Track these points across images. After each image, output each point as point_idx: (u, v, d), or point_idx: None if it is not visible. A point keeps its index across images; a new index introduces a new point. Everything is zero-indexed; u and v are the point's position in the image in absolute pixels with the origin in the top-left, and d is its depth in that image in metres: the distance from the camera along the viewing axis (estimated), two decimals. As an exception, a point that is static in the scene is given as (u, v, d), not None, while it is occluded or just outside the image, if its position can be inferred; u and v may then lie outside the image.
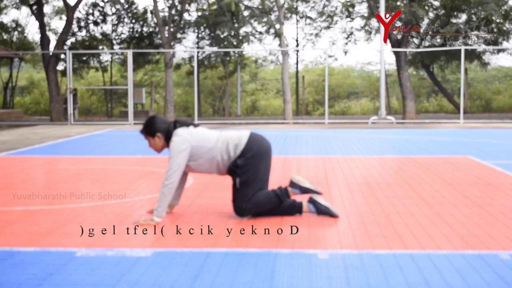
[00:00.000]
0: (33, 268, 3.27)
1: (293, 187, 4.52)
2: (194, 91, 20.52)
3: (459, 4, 22.36)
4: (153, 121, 4.55)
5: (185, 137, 4.40)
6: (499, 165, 7.41)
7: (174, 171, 4.33)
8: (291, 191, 4.51)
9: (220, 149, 4.41)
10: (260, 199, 4.40)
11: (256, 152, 4.40)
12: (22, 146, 10.66)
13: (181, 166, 4.36)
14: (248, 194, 4.39)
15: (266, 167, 4.49)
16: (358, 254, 3.53)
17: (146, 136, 4.59)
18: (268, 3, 23.18)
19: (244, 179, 4.37)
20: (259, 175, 4.41)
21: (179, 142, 4.37)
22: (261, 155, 4.43)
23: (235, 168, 4.38)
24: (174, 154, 4.35)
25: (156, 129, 4.51)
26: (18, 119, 22.95)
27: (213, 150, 4.41)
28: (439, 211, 4.75)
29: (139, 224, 4.26)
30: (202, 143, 4.42)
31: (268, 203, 4.43)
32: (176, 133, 4.44)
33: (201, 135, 4.47)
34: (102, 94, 27.82)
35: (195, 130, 4.51)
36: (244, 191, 4.39)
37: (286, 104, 19.53)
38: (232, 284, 3.00)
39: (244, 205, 4.40)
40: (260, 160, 4.42)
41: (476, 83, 27.68)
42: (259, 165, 4.41)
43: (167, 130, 4.50)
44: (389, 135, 12.80)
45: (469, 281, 3.04)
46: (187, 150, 4.37)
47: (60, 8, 28.52)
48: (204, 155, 4.42)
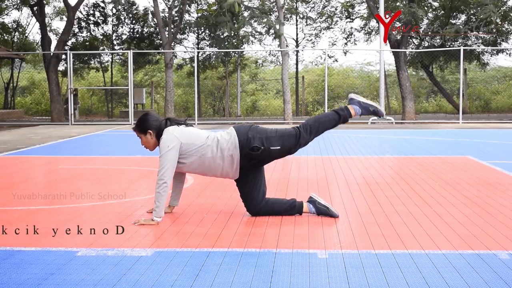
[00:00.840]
0: (34, 267, 3.28)
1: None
2: (194, 91, 20.53)
3: (458, 4, 22.38)
4: (146, 118, 4.55)
5: (175, 134, 4.38)
6: (498, 165, 7.42)
7: (166, 169, 4.31)
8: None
9: (210, 146, 4.39)
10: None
11: (252, 137, 4.41)
12: (23, 146, 10.67)
13: (172, 163, 4.33)
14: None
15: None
16: (358, 254, 3.54)
17: (138, 134, 4.58)
18: (268, 4, 23.20)
19: (273, 148, 4.39)
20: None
21: (169, 139, 4.36)
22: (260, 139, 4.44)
23: (258, 148, 4.35)
24: (164, 152, 4.34)
25: (148, 126, 4.50)
26: (19, 119, 22.97)
27: (203, 147, 4.39)
28: (438, 211, 4.76)
29: (139, 224, 4.27)
30: (192, 141, 4.40)
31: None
32: (166, 131, 4.43)
33: (191, 133, 4.45)
34: (103, 94, 27.83)
35: (185, 128, 4.49)
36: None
37: (286, 104, 19.54)
38: (232, 284, 3.01)
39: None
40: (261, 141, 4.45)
41: (475, 84, 27.69)
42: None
43: (159, 128, 4.49)
44: (389, 135, 12.81)
45: (469, 280, 3.05)
46: (176, 147, 4.35)
47: (61, 9, 28.58)
48: (194, 153, 4.39)
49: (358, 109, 4.61)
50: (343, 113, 4.58)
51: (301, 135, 4.48)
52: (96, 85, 28.35)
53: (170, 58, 20.71)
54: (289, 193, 5.59)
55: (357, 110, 4.60)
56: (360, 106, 4.61)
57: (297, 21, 27.43)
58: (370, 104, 4.62)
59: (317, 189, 5.80)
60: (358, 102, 4.62)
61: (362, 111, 4.62)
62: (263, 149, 4.37)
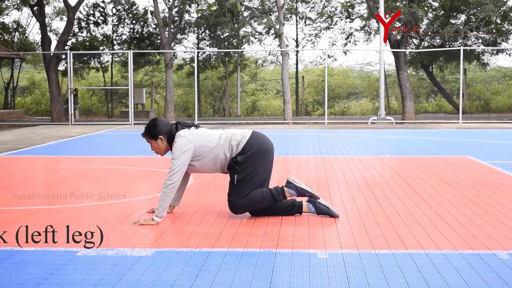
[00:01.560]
0: (34, 267, 3.28)
1: (289, 187, 4.53)
2: (194, 91, 20.53)
3: (458, 4, 22.38)
4: (155, 123, 4.54)
5: (188, 138, 4.41)
6: (498, 165, 7.42)
7: (177, 172, 4.33)
8: (286, 191, 4.52)
9: (223, 146, 4.43)
10: (254, 197, 4.41)
11: (256, 150, 4.41)
12: (23, 146, 10.67)
13: (184, 166, 4.36)
14: (244, 191, 4.40)
15: (266, 167, 4.50)
16: (358, 254, 3.54)
17: (148, 139, 4.56)
18: (268, 4, 23.20)
19: (242, 177, 4.39)
20: (258, 174, 4.42)
21: (183, 143, 4.38)
22: (261, 155, 4.44)
23: (234, 165, 4.40)
24: (177, 155, 4.36)
25: (158, 131, 4.50)
26: (19, 119, 22.97)
27: (216, 148, 4.43)
28: (438, 211, 4.76)
29: (139, 224, 4.27)
30: (206, 142, 4.43)
31: (262, 201, 4.44)
32: (179, 135, 4.45)
33: (204, 135, 4.48)
34: (103, 94, 27.83)
35: (196, 130, 4.52)
36: (241, 188, 4.40)
37: (286, 104, 19.54)
38: (232, 284, 3.01)
39: (239, 202, 4.41)
40: (260, 159, 4.43)
41: (475, 84, 27.68)
42: (259, 164, 4.42)
43: (170, 132, 4.50)
44: (389, 135, 12.81)
45: (469, 280, 3.05)
46: (190, 151, 4.38)
47: (61, 9, 28.57)
48: (207, 154, 4.43)
49: (293, 193, 4.56)
50: (279, 198, 4.50)
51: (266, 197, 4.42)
52: (96, 85, 28.35)
53: (170, 58, 20.72)
54: (289, 193, 5.59)
55: (292, 193, 4.55)
56: (296, 190, 4.56)
57: (297, 21, 27.43)
58: (305, 190, 4.56)
59: (317, 189, 5.80)
60: (295, 187, 4.56)
61: (297, 195, 4.56)
62: (236, 168, 4.39)
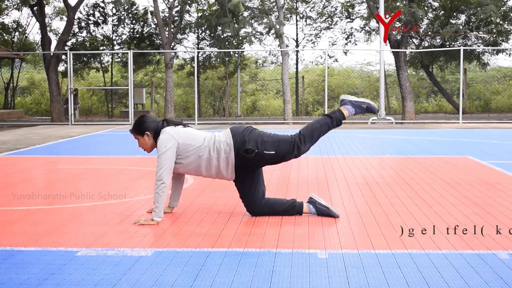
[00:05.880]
0: (34, 267, 3.28)
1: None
2: (194, 91, 20.53)
3: (458, 5, 22.38)
4: (143, 120, 4.56)
5: (172, 134, 4.40)
6: (498, 165, 7.42)
7: (164, 169, 4.31)
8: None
9: (207, 147, 4.39)
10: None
11: (250, 138, 4.40)
12: (23, 146, 10.67)
13: (170, 162, 4.34)
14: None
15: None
16: (358, 254, 3.54)
17: (135, 135, 4.59)
18: (268, 4, 23.21)
19: (262, 148, 4.36)
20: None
21: (166, 139, 4.37)
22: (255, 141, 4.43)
23: (251, 150, 4.33)
24: (161, 151, 4.35)
25: (145, 128, 4.51)
26: (19, 119, 22.98)
27: (200, 148, 4.39)
28: (438, 211, 4.76)
29: (139, 224, 4.27)
30: (190, 141, 4.40)
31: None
32: (163, 131, 4.45)
33: (189, 134, 4.46)
34: (103, 94, 27.84)
35: (183, 129, 4.50)
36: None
37: (286, 104, 19.54)
38: (232, 284, 3.01)
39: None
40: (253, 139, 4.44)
41: (475, 84, 27.70)
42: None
43: (156, 129, 4.51)
44: (389, 135, 12.81)
45: (469, 281, 3.05)
46: (174, 147, 4.36)
47: (61, 9, 28.56)
48: (191, 154, 4.39)
49: (351, 109, 4.59)
50: (335, 115, 4.55)
51: (295, 144, 4.43)
52: (96, 85, 28.36)
53: (170, 58, 20.72)
54: (289, 193, 5.60)
55: (350, 110, 4.58)
56: (352, 105, 4.59)
57: (297, 21, 27.44)
58: (362, 102, 4.60)
59: (317, 189, 5.80)
60: (350, 102, 4.60)
61: (356, 110, 4.59)
62: (257, 151, 4.36)
